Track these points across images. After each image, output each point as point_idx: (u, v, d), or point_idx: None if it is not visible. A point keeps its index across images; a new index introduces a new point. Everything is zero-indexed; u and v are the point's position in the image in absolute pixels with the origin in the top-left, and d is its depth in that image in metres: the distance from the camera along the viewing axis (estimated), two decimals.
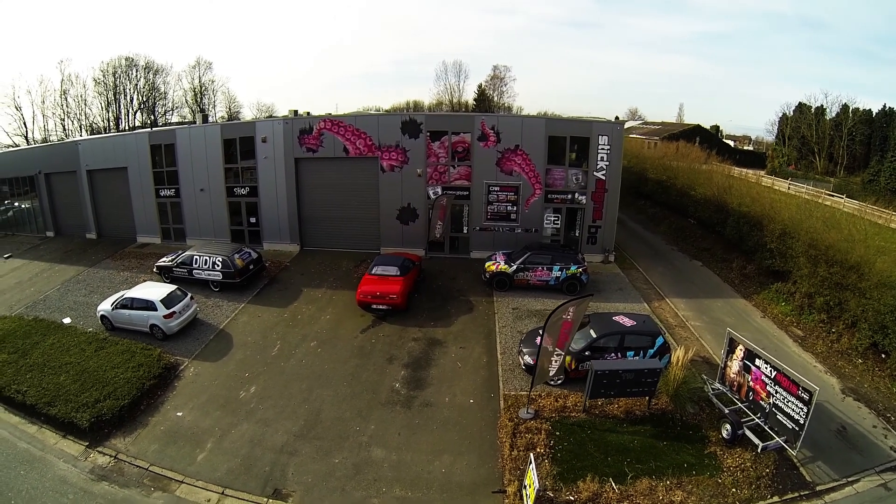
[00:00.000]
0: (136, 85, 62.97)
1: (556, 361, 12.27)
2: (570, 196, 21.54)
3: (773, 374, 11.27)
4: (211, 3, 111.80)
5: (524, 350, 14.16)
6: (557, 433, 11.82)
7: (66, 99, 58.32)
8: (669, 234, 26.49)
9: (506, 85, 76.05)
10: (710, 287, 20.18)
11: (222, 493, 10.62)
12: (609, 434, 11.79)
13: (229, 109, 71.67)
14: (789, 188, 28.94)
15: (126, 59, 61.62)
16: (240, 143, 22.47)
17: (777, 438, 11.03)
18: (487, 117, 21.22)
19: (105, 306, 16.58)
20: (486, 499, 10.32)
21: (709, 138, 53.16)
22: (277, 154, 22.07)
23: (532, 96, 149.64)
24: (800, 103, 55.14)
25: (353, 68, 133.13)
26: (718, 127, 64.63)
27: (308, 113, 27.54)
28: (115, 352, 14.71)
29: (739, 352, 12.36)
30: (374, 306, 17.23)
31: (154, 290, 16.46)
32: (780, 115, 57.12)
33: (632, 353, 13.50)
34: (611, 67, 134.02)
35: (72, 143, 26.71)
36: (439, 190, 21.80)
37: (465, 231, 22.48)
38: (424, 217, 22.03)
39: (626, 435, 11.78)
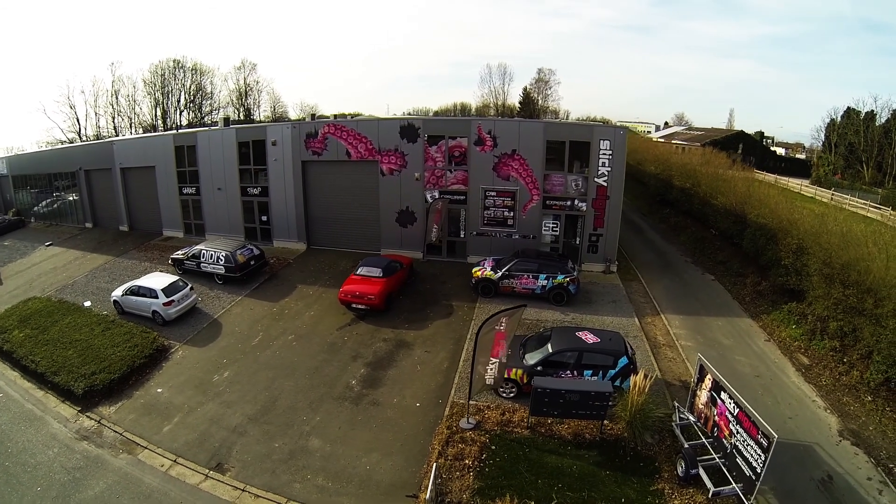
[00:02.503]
0: (184, 85, 66.63)
1: (490, 371, 11.96)
2: (569, 203, 20.71)
3: (736, 411, 9.96)
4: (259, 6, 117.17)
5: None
6: (493, 447, 11.44)
7: (116, 98, 62.71)
8: (688, 245, 24.68)
9: (550, 88, 74.90)
10: (715, 304, 18.55)
11: (175, 460, 11.78)
12: (549, 455, 11.17)
13: (274, 110, 74.67)
14: (832, 198, 25.58)
15: (174, 61, 65.57)
16: (253, 145, 23.88)
17: (734, 484, 9.71)
18: (484, 122, 21.01)
19: (117, 293, 18.44)
20: (398, 501, 10.35)
21: (752, 145, 49.56)
22: (286, 157, 23.25)
23: (581, 100, 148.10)
24: (848, 108, 49.68)
25: (408, 70, 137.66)
26: (763, 133, 59.41)
27: (335, 116, 28.80)
28: (118, 333, 16.40)
29: (708, 381, 11.06)
30: (354, 305, 17.69)
31: (158, 280, 18.07)
32: (828, 121, 51.72)
33: (589, 372, 12.66)
34: (664, 72, 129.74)
35: (108, 142, 29.81)
36: (437, 194, 21.89)
37: (462, 235, 22.35)
38: (422, 220, 22.21)
39: (567, 458, 11.08)
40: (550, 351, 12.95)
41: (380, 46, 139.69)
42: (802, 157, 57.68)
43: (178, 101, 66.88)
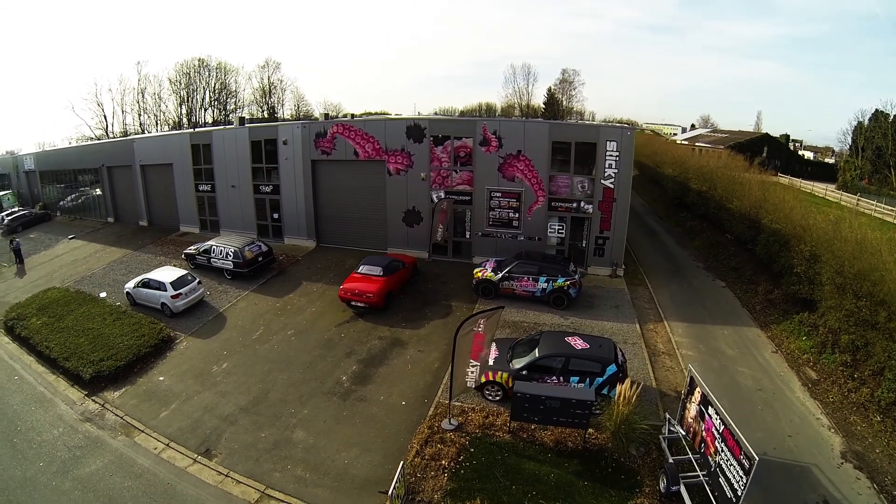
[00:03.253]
0: (208, 84, 67.78)
1: (471, 373, 11.86)
2: (575, 205, 20.34)
3: (722, 428, 9.41)
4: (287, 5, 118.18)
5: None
6: (472, 449, 11.34)
7: (143, 96, 64.36)
8: (701, 250, 23.81)
9: (574, 89, 74.07)
10: (723, 312, 17.81)
11: (167, 444, 12.36)
12: (527, 462, 10.96)
13: (297, 108, 74.90)
14: (857, 204, 24.04)
15: (199, 60, 66.76)
16: (265, 144, 24.46)
17: None
18: (489, 122, 20.85)
19: (130, 285, 19.28)
20: (370, 496, 10.41)
21: (777, 148, 47.70)
22: (296, 156, 23.73)
23: (606, 102, 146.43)
24: (876, 111, 46.00)
25: (434, 70, 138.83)
26: (789, 136, 56.79)
27: (352, 115, 29.24)
28: (128, 323, 17.19)
29: (697, 394, 10.49)
30: (354, 303, 17.92)
31: (167, 273, 18.79)
32: (854, 123, 48.15)
33: (576, 378, 12.37)
34: (690, 73, 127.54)
35: (129, 140, 31.08)
36: (442, 194, 21.88)
37: (467, 236, 22.27)
38: (428, 220, 22.24)
39: (546, 466, 10.82)
40: (537, 356, 12.73)
41: (405, 46, 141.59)
42: (831, 161, 54.65)
43: (203, 100, 68.39)
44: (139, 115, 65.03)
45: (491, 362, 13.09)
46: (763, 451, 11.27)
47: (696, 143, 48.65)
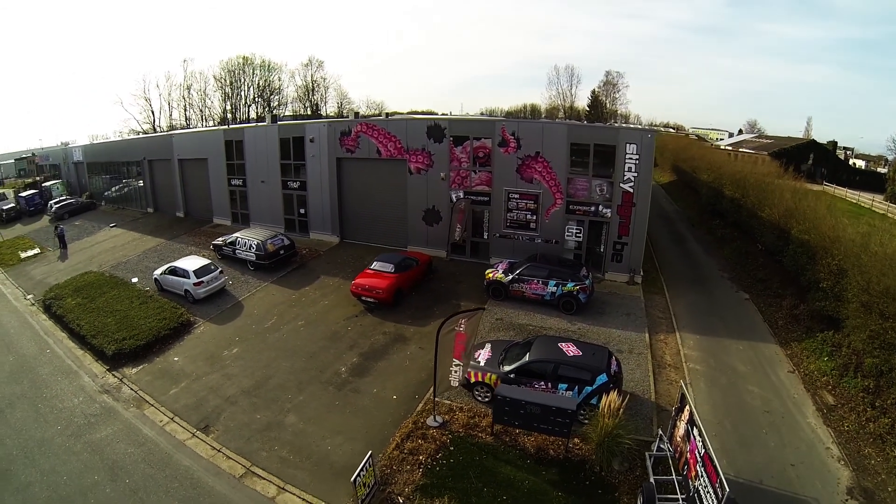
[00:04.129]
0: (252, 80, 70.12)
1: (455, 373, 11.90)
2: (593, 208, 19.79)
3: (703, 452, 8.87)
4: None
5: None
6: (452, 448, 11.42)
7: (189, 92, 67.63)
8: (730, 260, 22.45)
9: (618, 91, 72.19)
10: (741, 326, 16.76)
11: (172, 418, 13.33)
12: (505, 466, 10.88)
13: (340, 105, 75.70)
14: None
15: (243, 58, 69.17)
16: (293, 142, 25.36)
17: None
18: (508, 123, 20.61)
19: (158, 272, 20.63)
20: (344, 483, 10.64)
21: (824, 156, 44.62)
22: (322, 153, 24.47)
23: (652, 105, 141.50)
24: None
25: (480, 70, 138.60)
26: (836, 143, 52.92)
27: (386, 114, 29.84)
28: (153, 307, 18.50)
29: (687, 412, 9.95)
30: (364, 298, 18.33)
31: (192, 262, 20.01)
32: None
33: (564, 385, 12.10)
34: (740, 77, 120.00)
35: (168, 135, 33.11)
36: (461, 194, 21.93)
37: (485, 237, 22.20)
38: (448, 219, 22.33)
39: (522, 472, 10.69)
40: (526, 360, 12.56)
41: (451, 46, 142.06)
42: (883, 170, 50.18)
43: (247, 96, 70.95)
44: (185, 110, 68.71)
45: (482, 363, 13.07)
46: (759, 479, 10.60)
47: (740, 149, 45.95)
